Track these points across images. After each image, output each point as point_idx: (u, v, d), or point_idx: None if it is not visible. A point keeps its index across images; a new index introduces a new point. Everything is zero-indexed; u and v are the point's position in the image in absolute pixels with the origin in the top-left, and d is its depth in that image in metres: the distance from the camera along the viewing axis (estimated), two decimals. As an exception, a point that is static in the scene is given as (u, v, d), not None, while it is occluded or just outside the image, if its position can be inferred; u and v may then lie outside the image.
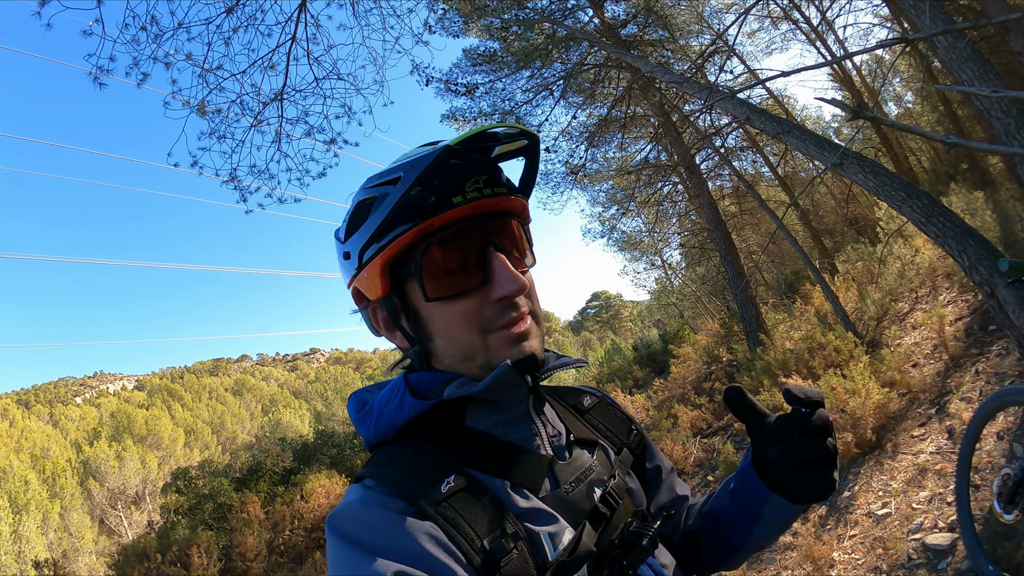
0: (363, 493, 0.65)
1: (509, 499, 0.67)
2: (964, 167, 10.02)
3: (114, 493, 20.61)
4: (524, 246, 0.78)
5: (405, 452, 0.70)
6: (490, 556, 0.60)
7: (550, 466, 0.73)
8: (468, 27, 8.29)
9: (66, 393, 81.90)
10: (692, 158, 10.35)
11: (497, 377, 0.67)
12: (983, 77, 3.54)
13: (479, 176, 0.71)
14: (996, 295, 3.44)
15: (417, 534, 0.59)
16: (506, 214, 0.75)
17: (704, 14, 12.05)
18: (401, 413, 0.71)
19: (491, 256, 0.71)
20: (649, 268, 20.65)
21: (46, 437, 36.75)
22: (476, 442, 0.71)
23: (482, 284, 0.70)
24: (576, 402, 0.91)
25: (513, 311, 0.70)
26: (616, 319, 55.93)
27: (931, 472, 3.59)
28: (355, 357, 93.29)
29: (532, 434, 0.75)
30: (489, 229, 0.72)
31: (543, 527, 0.66)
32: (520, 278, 0.70)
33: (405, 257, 0.71)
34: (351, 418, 0.79)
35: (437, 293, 0.70)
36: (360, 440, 13.28)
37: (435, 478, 0.65)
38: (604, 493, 0.73)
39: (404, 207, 0.68)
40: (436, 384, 0.72)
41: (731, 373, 8.34)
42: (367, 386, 0.83)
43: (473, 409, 0.73)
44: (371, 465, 0.70)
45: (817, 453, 0.71)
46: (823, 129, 17.84)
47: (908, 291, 6.76)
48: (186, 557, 8.54)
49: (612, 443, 0.86)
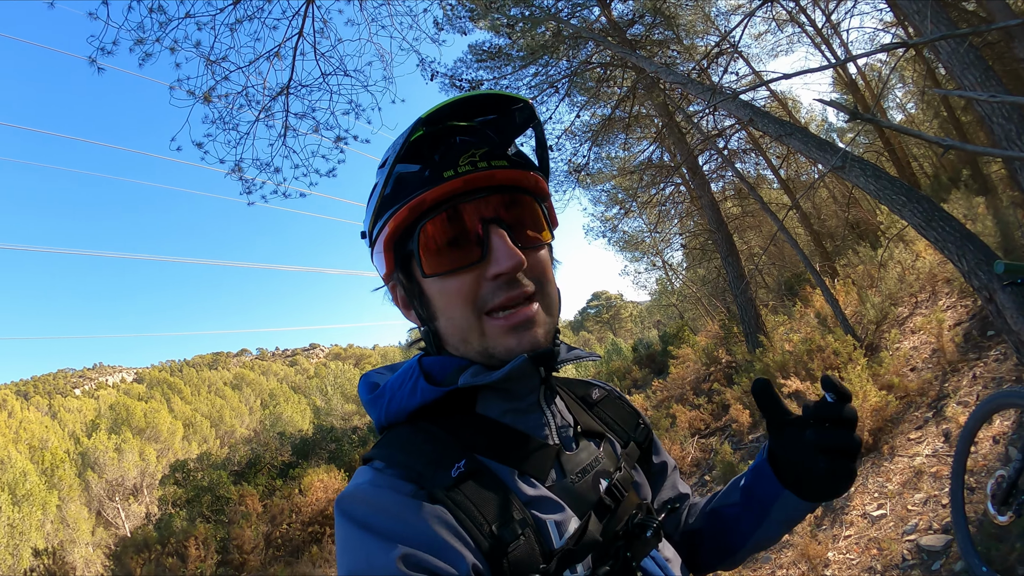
0: (372, 475, 0.65)
1: (517, 487, 0.67)
2: (966, 173, 10.03)
3: (112, 485, 20.65)
4: (538, 222, 0.74)
5: (416, 435, 0.70)
6: (498, 541, 0.60)
7: (557, 456, 0.73)
8: (476, 21, 8.31)
9: (65, 385, 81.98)
10: (695, 159, 10.36)
11: (513, 369, 0.67)
12: (985, 83, 3.55)
13: (476, 150, 0.68)
14: (995, 300, 3.46)
15: (427, 517, 0.59)
16: (514, 189, 0.72)
17: (711, 14, 12.05)
18: (414, 398, 0.71)
19: (489, 231, 0.68)
20: (650, 269, 20.69)
21: (45, 428, 36.81)
22: (486, 429, 0.71)
23: (478, 260, 0.67)
24: (585, 394, 0.91)
25: (512, 289, 0.67)
26: (616, 319, 55.97)
27: (926, 475, 3.61)
28: (355, 353, 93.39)
29: (541, 424, 0.75)
30: (490, 204, 0.69)
31: (550, 515, 0.66)
32: (518, 254, 0.66)
33: (405, 235, 0.70)
34: (362, 399, 0.78)
35: (432, 269, 0.69)
36: (358, 435, 13.36)
37: (445, 463, 0.65)
38: (610, 485, 0.73)
39: (400, 184, 0.69)
40: (450, 370, 0.71)
41: (730, 374, 8.35)
42: (378, 368, 0.83)
43: (485, 396, 0.73)
44: (381, 447, 0.70)
45: (849, 442, 0.71)
46: (826, 132, 17.85)
47: (908, 295, 6.77)
48: (184, 549, 8.56)
49: (619, 436, 0.86)
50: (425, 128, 0.68)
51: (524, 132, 0.74)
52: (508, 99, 0.71)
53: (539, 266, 0.72)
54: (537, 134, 0.77)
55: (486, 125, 0.72)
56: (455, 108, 0.68)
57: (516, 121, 0.72)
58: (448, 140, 0.69)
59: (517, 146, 0.75)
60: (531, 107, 0.72)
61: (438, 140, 0.69)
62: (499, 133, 0.72)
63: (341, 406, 23.66)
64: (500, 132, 0.72)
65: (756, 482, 0.83)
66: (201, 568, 8.32)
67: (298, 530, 9.30)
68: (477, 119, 0.73)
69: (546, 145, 0.77)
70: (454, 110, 0.68)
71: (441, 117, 0.68)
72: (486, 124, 0.72)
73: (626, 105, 10.39)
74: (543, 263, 0.73)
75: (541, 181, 0.75)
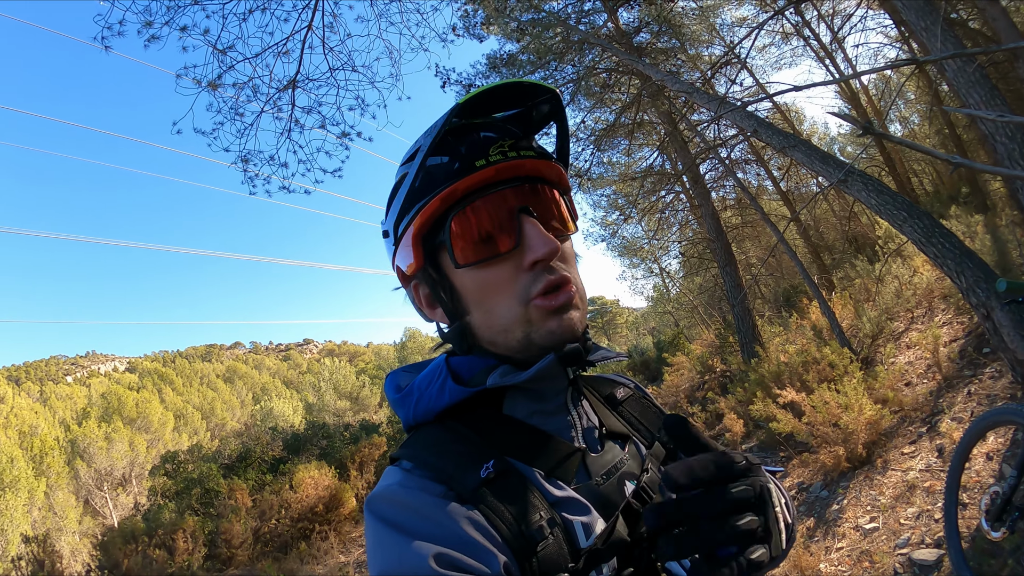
0: (402, 476, 0.66)
1: (544, 488, 0.67)
2: (966, 191, 10.09)
3: (101, 474, 20.52)
4: (562, 213, 0.74)
5: (444, 436, 0.70)
6: (527, 540, 0.61)
7: (583, 459, 0.72)
8: (488, 27, 8.35)
9: (57, 371, 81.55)
10: (697, 167, 10.39)
11: (541, 369, 0.67)
12: (990, 102, 3.58)
13: (504, 141, 0.69)
14: (992, 317, 3.48)
15: (458, 518, 0.59)
16: (539, 179, 0.72)
17: (716, 25, 12.10)
18: (442, 398, 0.72)
19: (522, 220, 0.68)
20: (648, 275, 20.69)
21: (35, 415, 36.59)
22: (513, 429, 0.71)
23: (513, 248, 0.67)
24: (610, 393, 0.90)
25: (551, 275, 0.67)
26: (611, 325, 55.99)
27: (919, 489, 3.63)
28: (348, 350, 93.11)
29: (568, 425, 0.75)
30: (520, 193, 0.69)
31: (576, 516, 0.66)
32: (553, 240, 0.67)
33: (436, 227, 0.70)
34: (388, 398, 0.79)
35: (466, 259, 0.68)
36: (350, 433, 13.31)
37: (474, 463, 0.65)
38: (637, 488, 0.72)
39: (429, 176, 0.68)
40: (477, 370, 0.72)
41: (725, 384, 8.38)
42: (404, 367, 0.83)
43: (512, 396, 0.73)
44: (409, 447, 0.70)
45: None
46: (828, 145, 17.93)
47: (904, 311, 6.81)
48: (171, 541, 8.51)
49: (644, 437, 0.85)
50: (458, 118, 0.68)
51: (548, 124, 0.75)
52: (535, 88, 0.71)
53: (567, 256, 0.72)
54: (560, 126, 0.76)
55: (508, 120, 0.72)
56: (488, 96, 0.68)
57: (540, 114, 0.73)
58: (473, 134, 0.69)
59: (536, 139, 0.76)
60: (558, 97, 0.72)
61: (462, 135, 0.69)
62: (523, 128, 0.72)
63: (334, 403, 23.55)
64: (524, 127, 0.73)
65: None
66: (188, 561, 8.28)
67: (287, 526, 9.25)
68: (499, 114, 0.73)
69: (568, 137, 0.77)
70: (488, 98, 0.68)
71: (477, 105, 0.68)
72: (508, 120, 0.72)
73: (630, 111, 10.43)
74: (569, 254, 0.74)
75: (563, 173, 0.75)
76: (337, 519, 9.46)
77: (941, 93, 10.32)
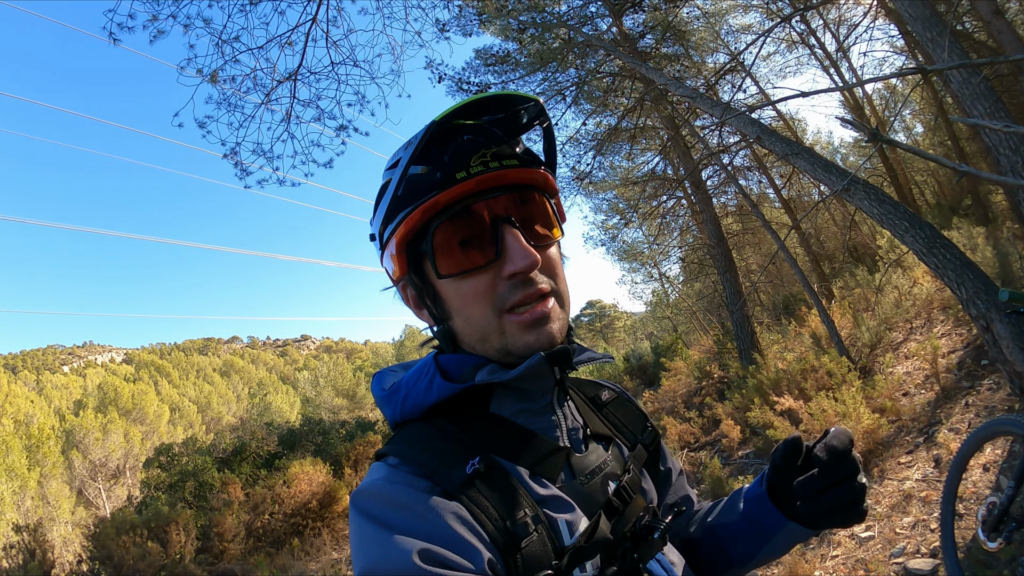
0: (387, 472, 0.65)
1: (528, 485, 0.67)
2: (967, 202, 10.10)
3: (95, 465, 20.47)
4: (548, 219, 0.75)
5: (430, 432, 0.70)
6: (512, 537, 0.61)
7: (567, 458, 0.73)
8: (485, 26, 8.34)
9: (54, 361, 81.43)
10: (699, 173, 10.40)
11: (529, 367, 0.67)
12: (994, 113, 3.59)
13: (486, 150, 0.68)
14: (991, 329, 3.48)
15: (443, 513, 0.59)
16: (524, 187, 0.72)
17: (720, 32, 12.12)
18: (430, 395, 0.72)
19: (503, 231, 0.68)
20: (647, 280, 20.68)
21: (31, 404, 36.51)
22: (500, 428, 0.72)
23: (494, 259, 0.68)
24: (595, 395, 0.91)
25: (528, 288, 0.68)
26: (609, 329, 55.97)
27: (916, 499, 3.62)
28: (345, 347, 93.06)
29: (553, 425, 0.75)
30: (503, 203, 0.69)
31: (560, 514, 0.66)
32: (533, 253, 0.67)
33: (419, 236, 0.70)
34: (375, 396, 0.79)
35: (448, 270, 0.69)
36: (346, 430, 13.29)
37: (460, 460, 0.65)
38: (618, 487, 0.73)
39: (412, 187, 0.68)
40: (466, 368, 0.72)
41: (722, 390, 8.36)
42: (391, 366, 0.84)
43: (499, 395, 0.74)
44: (395, 443, 0.70)
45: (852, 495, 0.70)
46: (831, 155, 17.94)
47: (903, 321, 6.81)
48: (164, 533, 8.48)
49: (627, 439, 0.86)
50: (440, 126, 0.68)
51: (532, 129, 0.74)
52: (518, 99, 0.71)
53: (551, 263, 0.73)
54: (545, 130, 0.76)
55: (493, 124, 0.72)
56: (467, 111, 0.68)
57: (524, 119, 0.72)
58: (455, 139, 0.69)
59: (524, 143, 0.76)
60: (540, 104, 0.72)
61: (445, 139, 0.69)
62: (507, 131, 0.71)
63: (331, 399, 23.51)
64: (508, 130, 0.72)
65: (757, 511, 0.82)
66: (181, 554, 8.25)
67: (280, 521, 9.23)
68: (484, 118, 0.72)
69: (555, 140, 0.77)
70: (466, 113, 0.68)
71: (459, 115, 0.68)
72: (493, 123, 0.72)
73: (633, 116, 10.44)
74: (554, 260, 0.74)
75: (550, 178, 0.75)
76: (331, 516, 9.43)
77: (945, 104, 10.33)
